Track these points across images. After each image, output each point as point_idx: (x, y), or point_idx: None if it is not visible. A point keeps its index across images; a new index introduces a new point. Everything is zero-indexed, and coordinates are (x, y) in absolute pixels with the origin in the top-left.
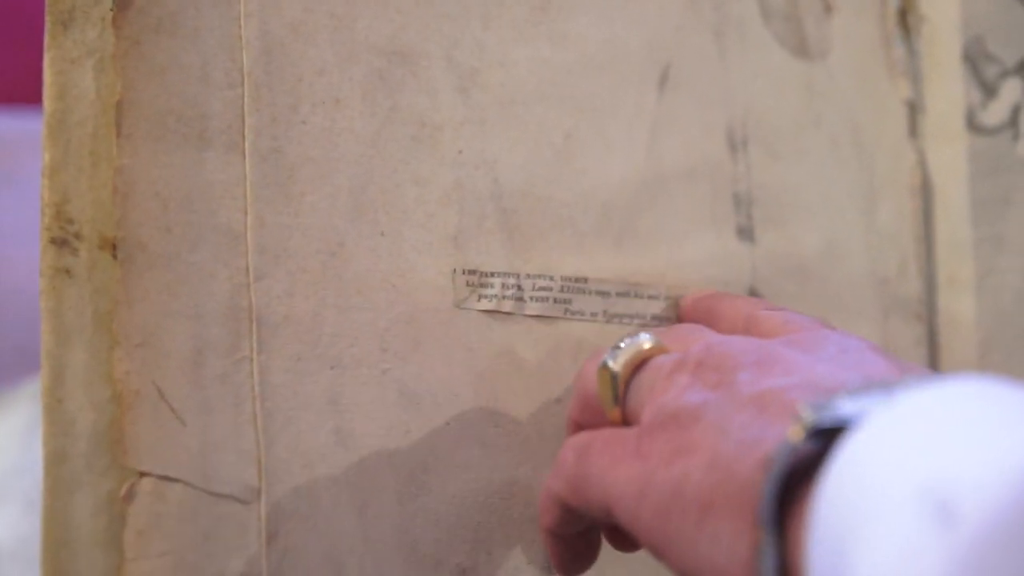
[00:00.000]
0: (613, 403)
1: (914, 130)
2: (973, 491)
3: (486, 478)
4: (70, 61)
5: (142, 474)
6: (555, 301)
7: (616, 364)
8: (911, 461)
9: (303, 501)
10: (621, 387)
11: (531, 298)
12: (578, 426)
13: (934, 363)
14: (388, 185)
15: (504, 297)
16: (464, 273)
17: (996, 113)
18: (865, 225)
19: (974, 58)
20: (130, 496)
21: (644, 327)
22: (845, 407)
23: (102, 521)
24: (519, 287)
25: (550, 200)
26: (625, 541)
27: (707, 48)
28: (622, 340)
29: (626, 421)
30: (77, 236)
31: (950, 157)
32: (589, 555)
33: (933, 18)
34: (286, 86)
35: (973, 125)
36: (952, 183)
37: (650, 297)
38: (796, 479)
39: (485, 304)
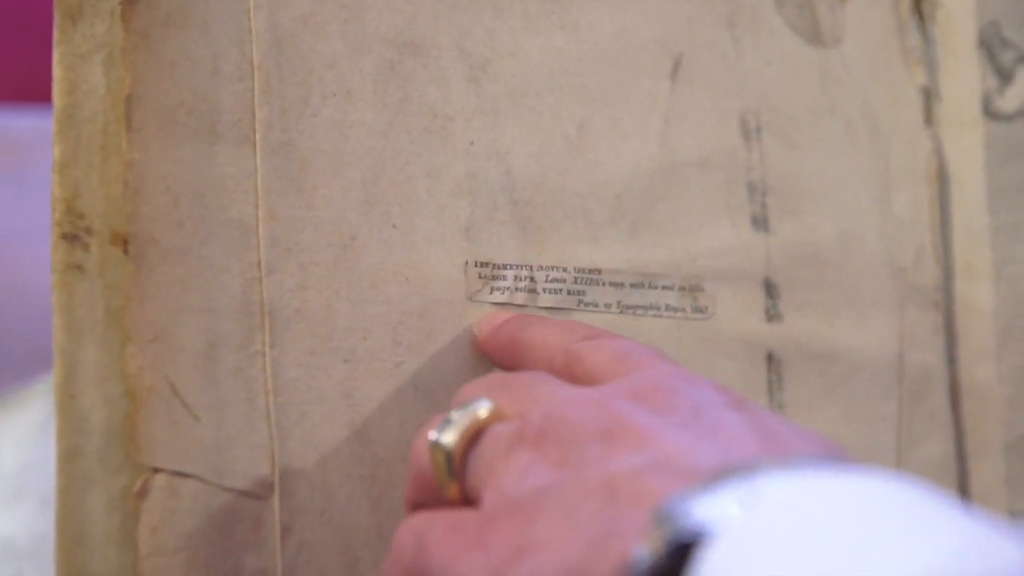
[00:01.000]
0: (449, 480)
1: (930, 117)
2: None
3: None
4: (79, 56)
5: (155, 470)
6: (569, 293)
7: (448, 439)
8: None
9: (317, 495)
10: (456, 463)
11: (544, 290)
12: (415, 505)
13: (951, 351)
14: (400, 177)
15: (517, 289)
16: (476, 265)
17: (1013, 99)
18: (881, 213)
19: (990, 44)
20: (144, 492)
21: (658, 317)
22: (701, 509)
23: (116, 518)
24: (532, 279)
25: (563, 191)
26: None
27: (720, 37)
28: (454, 409)
29: (466, 498)
30: (88, 231)
31: (967, 144)
32: None
33: (947, 4)
34: (296, 79)
35: (989, 112)
36: (969, 170)
37: (664, 288)
38: None
39: (498, 296)
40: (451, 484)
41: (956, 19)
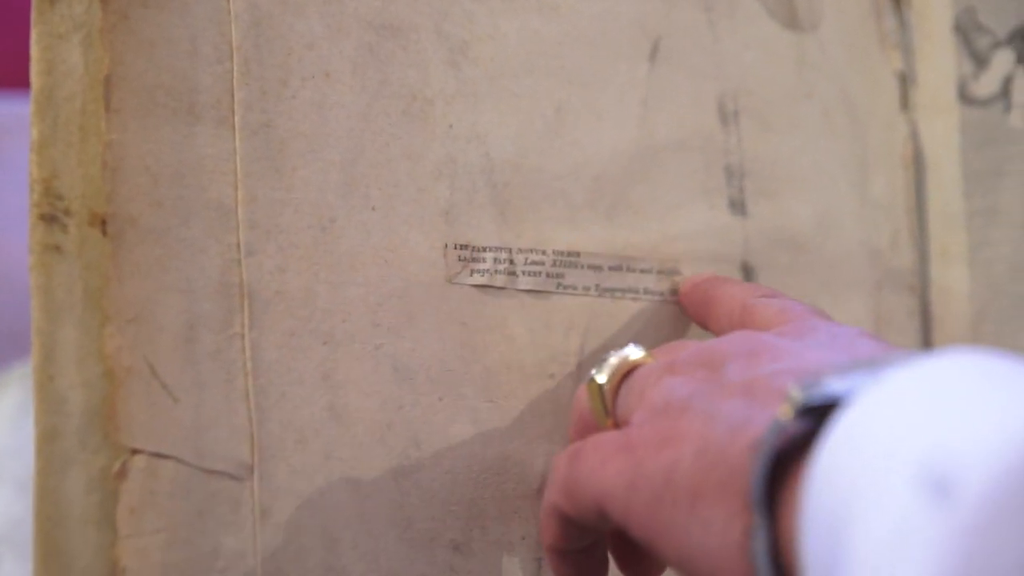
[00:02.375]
0: (604, 414)
1: (906, 102)
2: (968, 466)
3: (479, 454)
4: (57, 36)
5: (134, 451)
6: (547, 275)
7: (602, 376)
8: (903, 436)
9: (297, 477)
10: (610, 397)
11: (523, 272)
12: None
13: (927, 335)
14: (379, 159)
15: (496, 272)
16: (456, 248)
17: (988, 84)
18: (858, 197)
19: (965, 29)
20: (123, 473)
21: (637, 300)
22: (834, 385)
23: (95, 499)
24: (511, 261)
25: (542, 173)
26: (635, 564)
27: (697, 21)
28: (609, 353)
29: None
30: (66, 212)
31: (942, 129)
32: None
33: None
34: (275, 60)
35: (965, 96)
36: (944, 155)
37: (642, 271)
38: (788, 461)
39: (477, 279)
40: (606, 418)
41: (932, 4)
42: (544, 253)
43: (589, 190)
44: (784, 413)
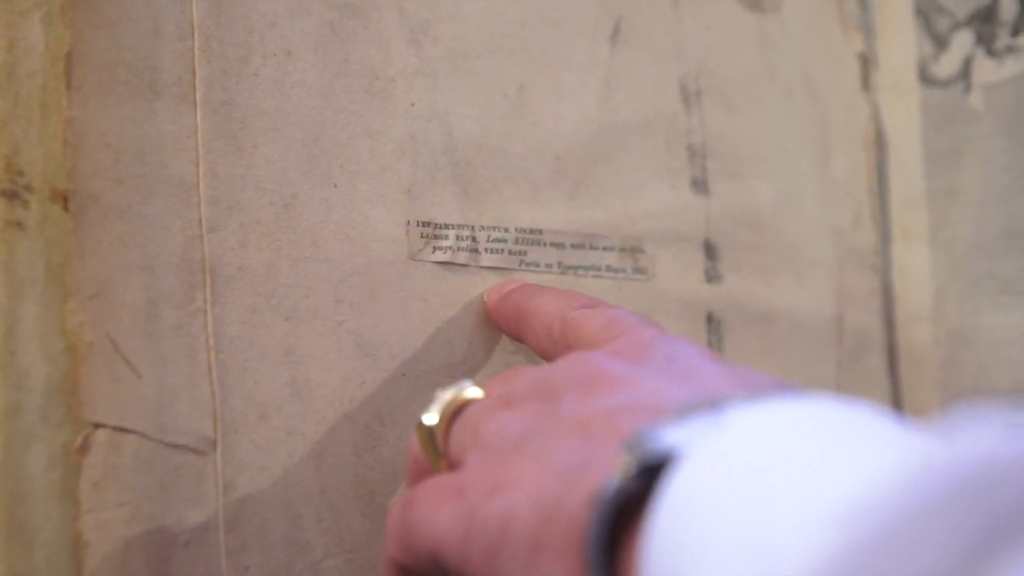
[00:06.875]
0: (436, 457)
1: (867, 83)
2: (795, 547)
3: None
4: (18, 13)
5: (97, 426)
6: (510, 253)
7: (431, 416)
8: (735, 507)
9: (259, 452)
10: (440, 439)
11: (486, 250)
12: None
13: (888, 313)
14: (341, 137)
15: (459, 249)
16: (418, 225)
17: (948, 65)
18: (819, 177)
19: (926, 11)
20: (85, 448)
21: (599, 278)
22: (670, 436)
23: (57, 474)
24: (474, 239)
25: (504, 152)
26: None
27: (659, 1)
28: (438, 391)
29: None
30: (28, 188)
31: (903, 110)
32: None
33: None
34: (237, 38)
35: (925, 77)
36: (905, 135)
37: (605, 248)
38: (625, 513)
39: (440, 256)
40: (439, 461)
41: None
42: (507, 231)
43: (552, 169)
44: (622, 470)
